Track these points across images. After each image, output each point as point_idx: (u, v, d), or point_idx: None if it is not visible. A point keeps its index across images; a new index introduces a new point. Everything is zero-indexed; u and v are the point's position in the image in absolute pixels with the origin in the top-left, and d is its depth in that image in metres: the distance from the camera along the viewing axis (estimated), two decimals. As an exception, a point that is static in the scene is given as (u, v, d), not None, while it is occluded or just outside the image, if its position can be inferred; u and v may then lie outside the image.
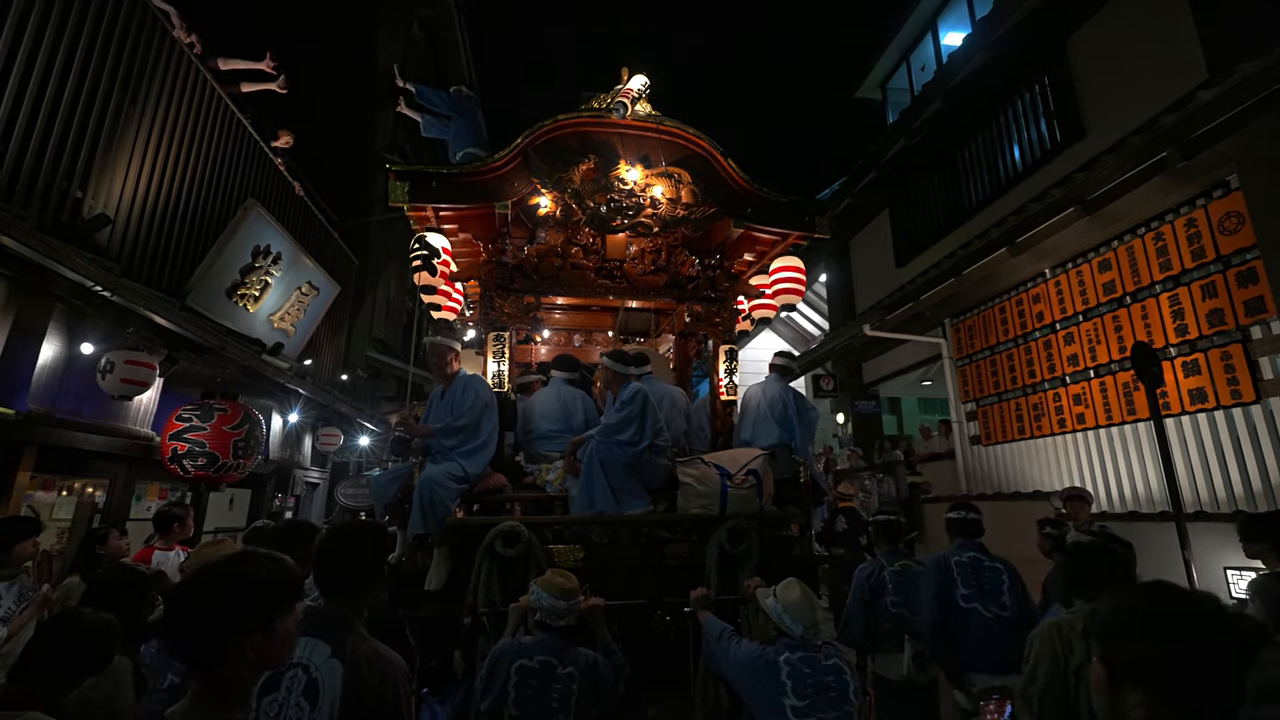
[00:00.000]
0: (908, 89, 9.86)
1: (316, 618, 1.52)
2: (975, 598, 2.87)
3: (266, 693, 1.41)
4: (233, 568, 1.11)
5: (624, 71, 3.84)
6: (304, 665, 1.43)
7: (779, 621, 2.03)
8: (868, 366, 9.75)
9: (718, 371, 4.10)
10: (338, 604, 1.57)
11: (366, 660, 1.47)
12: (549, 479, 3.55)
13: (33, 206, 3.81)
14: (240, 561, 1.13)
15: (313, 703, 1.40)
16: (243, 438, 5.23)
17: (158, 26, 5.02)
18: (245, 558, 1.14)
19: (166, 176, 5.16)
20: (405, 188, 3.48)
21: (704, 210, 3.82)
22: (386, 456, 9.15)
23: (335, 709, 1.40)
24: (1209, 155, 4.33)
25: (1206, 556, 3.83)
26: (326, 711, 1.40)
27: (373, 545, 1.69)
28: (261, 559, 1.13)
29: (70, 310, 4.30)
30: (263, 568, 1.11)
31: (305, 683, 1.42)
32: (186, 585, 1.16)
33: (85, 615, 1.88)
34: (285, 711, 1.40)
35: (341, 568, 1.61)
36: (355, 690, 1.43)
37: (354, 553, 1.64)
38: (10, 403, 3.78)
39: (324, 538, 1.72)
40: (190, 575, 1.14)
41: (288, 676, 1.42)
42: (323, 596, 1.62)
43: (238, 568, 1.11)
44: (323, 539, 1.72)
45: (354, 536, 1.70)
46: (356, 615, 1.58)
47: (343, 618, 1.54)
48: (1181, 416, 4.68)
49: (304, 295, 7.03)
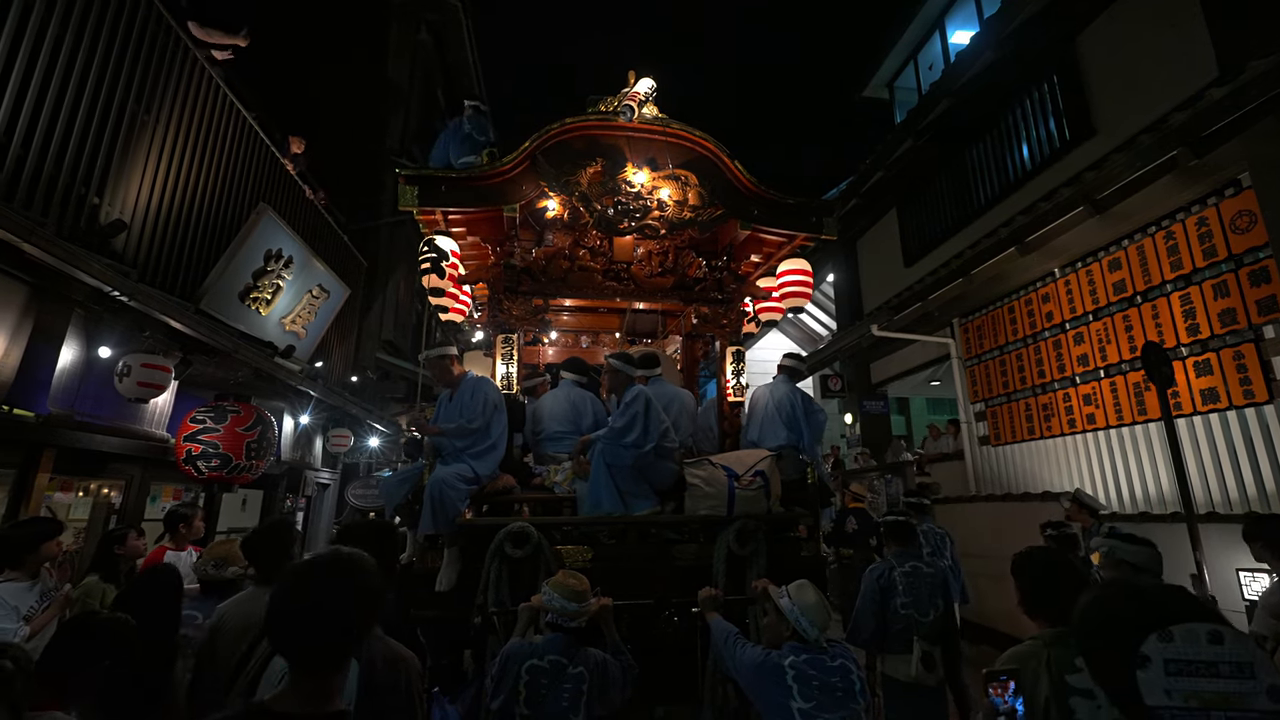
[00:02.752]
0: (915, 88, 9.83)
1: None
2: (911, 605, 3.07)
3: None
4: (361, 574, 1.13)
5: (631, 75, 3.86)
6: None
7: (795, 624, 2.02)
8: (876, 366, 9.71)
9: (725, 373, 4.11)
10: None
11: (382, 658, 1.51)
12: (557, 480, 3.58)
13: (52, 213, 3.89)
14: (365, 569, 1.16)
15: None
16: (255, 439, 5.30)
17: (171, 35, 5.10)
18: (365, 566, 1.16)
19: (180, 182, 5.25)
20: (415, 191, 3.52)
21: (711, 212, 3.83)
22: (399, 458, 9.24)
23: (351, 706, 1.43)
24: (1220, 154, 4.30)
25: (1218, 558, 3.80)
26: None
27: (382, 543, 1.73)
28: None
29: (88, 315, 4.38)
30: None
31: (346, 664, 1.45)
32: (329, 581, 1.13)
33: (100, 616, 1.92)
34: None
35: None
36: (371, 688, 1.46)
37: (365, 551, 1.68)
38: (31, 406, 3.86)
39: (334, 537, 1.76)
40: (330, 566, 1.12)
41: None
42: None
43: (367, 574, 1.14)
44: (333, 539, 1.76)
45: (364, 536, 1.75)
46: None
47: None
48: (1193, 417, 4.64)
49: (315, 298, 7.12)
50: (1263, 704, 0.84)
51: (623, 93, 3.76)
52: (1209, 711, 0.86)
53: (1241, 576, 3.78)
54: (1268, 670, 0.86)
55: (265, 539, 2.26)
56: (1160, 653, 0.90)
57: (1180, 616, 0.91)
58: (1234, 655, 0.87)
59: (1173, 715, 0.86)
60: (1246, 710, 0.84)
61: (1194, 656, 0.88)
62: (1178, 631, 0.90)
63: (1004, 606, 4.56)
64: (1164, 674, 0.89)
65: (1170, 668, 0.89)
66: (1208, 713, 0.86)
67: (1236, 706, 0.84)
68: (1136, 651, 0.89)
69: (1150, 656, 0.90)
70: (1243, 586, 3.75)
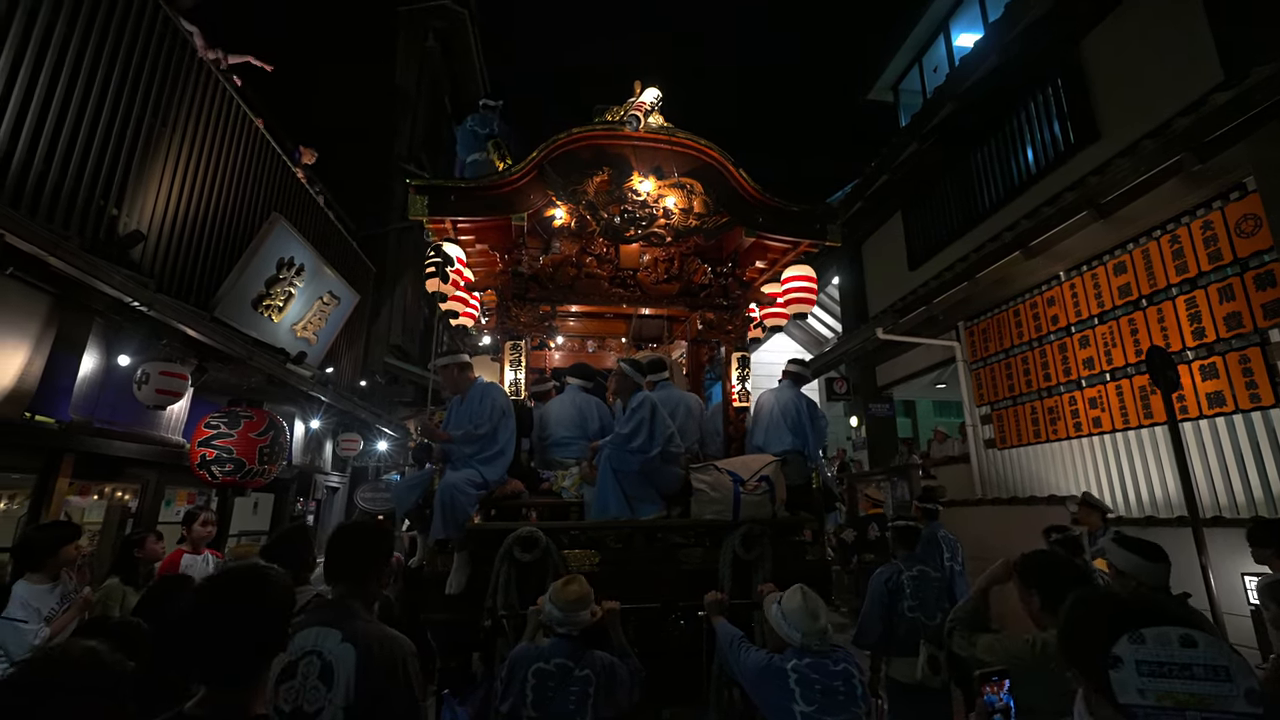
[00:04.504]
0: (920, 90, 9.84)
1: (326, 609, 1.66)
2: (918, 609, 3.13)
3: (284, 680, 1.50)
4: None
5: (636, 85, 3.92)
6: (317, 652, 1.54)
7: (778, 628, 2.10)
8: (881, 369, 9.71)
9: (730, 378, 4.15)
10: (345, 594, 1.70)
11: (377, 642, 1.59)
12: (565, 485, 3.62)
13: (73, 225, 3.99)
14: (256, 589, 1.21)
15: (329, 684, 1.50)
16: (268, 444, 5.37)
17: (186, 49, 5.21)
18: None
19: (195, 193, 5.36)
20: (425, 201, 3.58)
21: (716, 220, 3.88)
22: (408, 464, 9.33)
23: (351, 688, 1.50)
24: (1224, 158, 4.30)
25: (1224, 562, 3.80)
26: (342, 691, 1.49)
27: (371, 541, 1.84)
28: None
29: (108, 324, 4.48)
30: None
31: (320, 667, 1.52)
32: (221, 603, 1.19)
33: (112, 620, 2.00)
34: (303, 695, 1.49)
35: (346, 561, 1.77)
36: (368, 669, 1.53)
37: (356, 548, 1.79)
38: (53, 413, 3.96)
39: (330, 536, 1.87)
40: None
41: (303, 663, 1.52)
42: (331, 588, 1.76)
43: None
44: (329, 538, 1.86)
45: (356, 534, 1.86)
46: (364, 604, 1.70)
47: (350, 606, 1.66)
48: (1199, 420, 4.64)
49: (325, 305, 7.22)
50: (1241, 706, 0.87)
51: (628, 103, 3.82)
52: (1184, 711, 0.88)
53: (1247, 581, 3.78)
54: (1245, 674, 0.89)
55: (284, 544, 2.32)
56: (1132, 654, 0.93)
57: (1155, 621, 0.94)
58: (1208, 658, 0.90)
59: (1146, 714, 0.90)
60: (1225, 712, 0.87)
61: (1166, 659, 0.91)
62: (1149, 634, 0.93)
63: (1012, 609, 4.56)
64: (1136, 674, 0.92)
65: (1142, 668, 0.92)
66: (1182, 712, 0.88)
67: (1213, 708, 0.87)
68: (1108, 652, 0.93)
69: (1121, 657, 0.93)
70: (1248, 591, 3.75)
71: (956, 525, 5.34)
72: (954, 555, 4.37)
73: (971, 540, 5.32)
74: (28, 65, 3.69)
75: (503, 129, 5.60)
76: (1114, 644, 0.94)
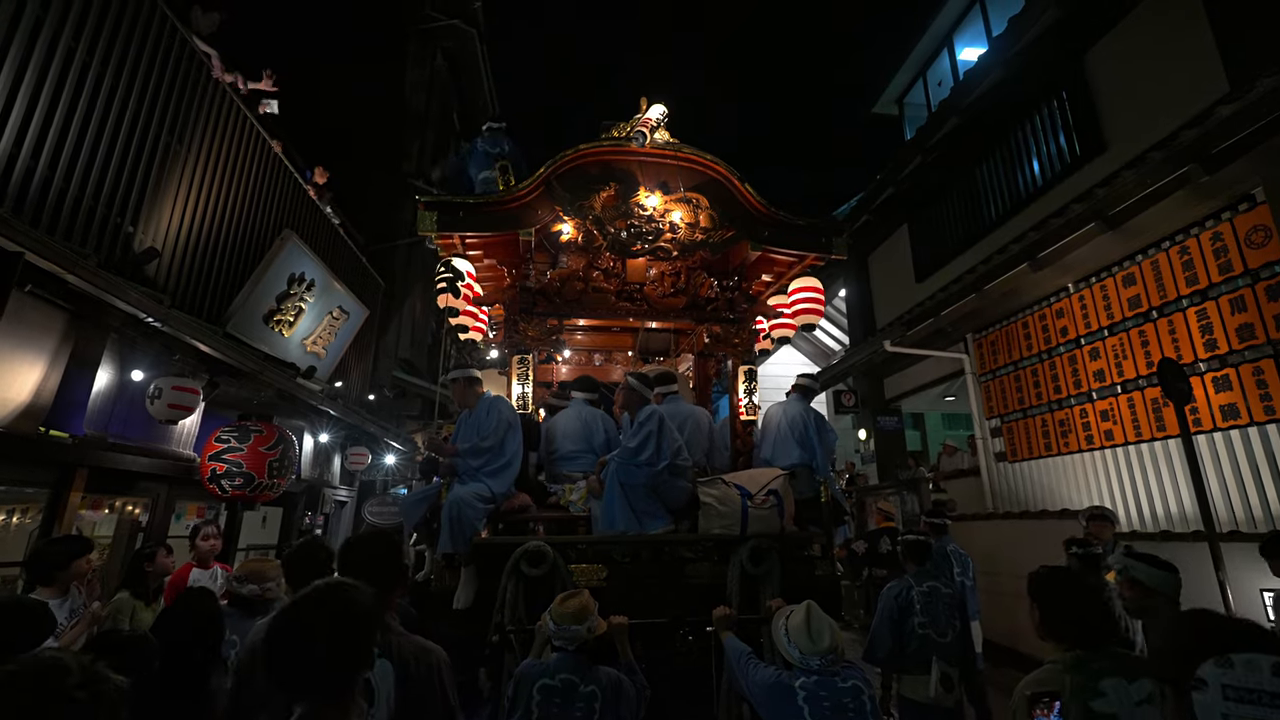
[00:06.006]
0: (925, 104, 9.90)
1: None
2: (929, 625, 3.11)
3: None
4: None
5: (643, 101, 3.97)
6: None
7: (778, 644, 2.08)
8: (889, 382, 9.67)
9: (737, 391, 4.15)
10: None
11: (413, 655, 1.61)
12: (572, 499, 3.62)
13: (90, 242, 4.07)
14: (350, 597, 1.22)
15: (370, 702, 1.49)
16: (277, 458, 5.40)
17: (203, 70, 5.34)
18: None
19: (209, 210, 5.46)
20: (434, 217, 3.63)
21: (722, 234, 3.90)
22: (415, 478, 9.34)
23: (391, 704, 1.50)
24: (1232, 170, 4.29)
25: (1242, 578, 3.73)
26: (384, 709, 1.50)
27: (389, 551, 1.84)
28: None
29: (123, 340, 4.55)
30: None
31: (361, 684, 1.52)
32: (316, 617, 1.17)
33: (121, 632, 2.00)
34: None
35: (368, 572, 1.72)
36: (406, 684, 1.55)
37: (378, 558, 1.79)
38: (67, 428, 4.01)
39: (345, 549, 1.86)
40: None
41: None
42: None
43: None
44: (344, 550, 1.85)
45: (375, 543, 1.86)
46: (392, 615, 1.71)
47: (383, 620, 1.64)
48: (1214, 433, 4.58)
49: (335, 320, 7.29)
50: None
51: (635, 119, 3.87)
52: None
53: (1266, 597, 3.71)
54: None
55: (299, 559, 2.33)
56: (1218, 678, 0.91)
57: (1246, 647, 0.93)
58: None
59: None
60: None
61: (1255, 685, 0.89)
62: (1238, 659, 0.91)
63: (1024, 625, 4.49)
64: (1221, 698, 0.90)
65: (1228, 693, 0.90)
66: None
67: None
68: (1193, 675, 0.91)
69: (1206, 680, 0.92)
70: (1267, 607, 3.68)
71: (967, 539, 5.28)
72: (965, 570, 4.32)
73: (982, 554, 5.26)
74: (49, 87, 3.79)
75: (511, 149, 5.68)
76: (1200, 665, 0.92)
